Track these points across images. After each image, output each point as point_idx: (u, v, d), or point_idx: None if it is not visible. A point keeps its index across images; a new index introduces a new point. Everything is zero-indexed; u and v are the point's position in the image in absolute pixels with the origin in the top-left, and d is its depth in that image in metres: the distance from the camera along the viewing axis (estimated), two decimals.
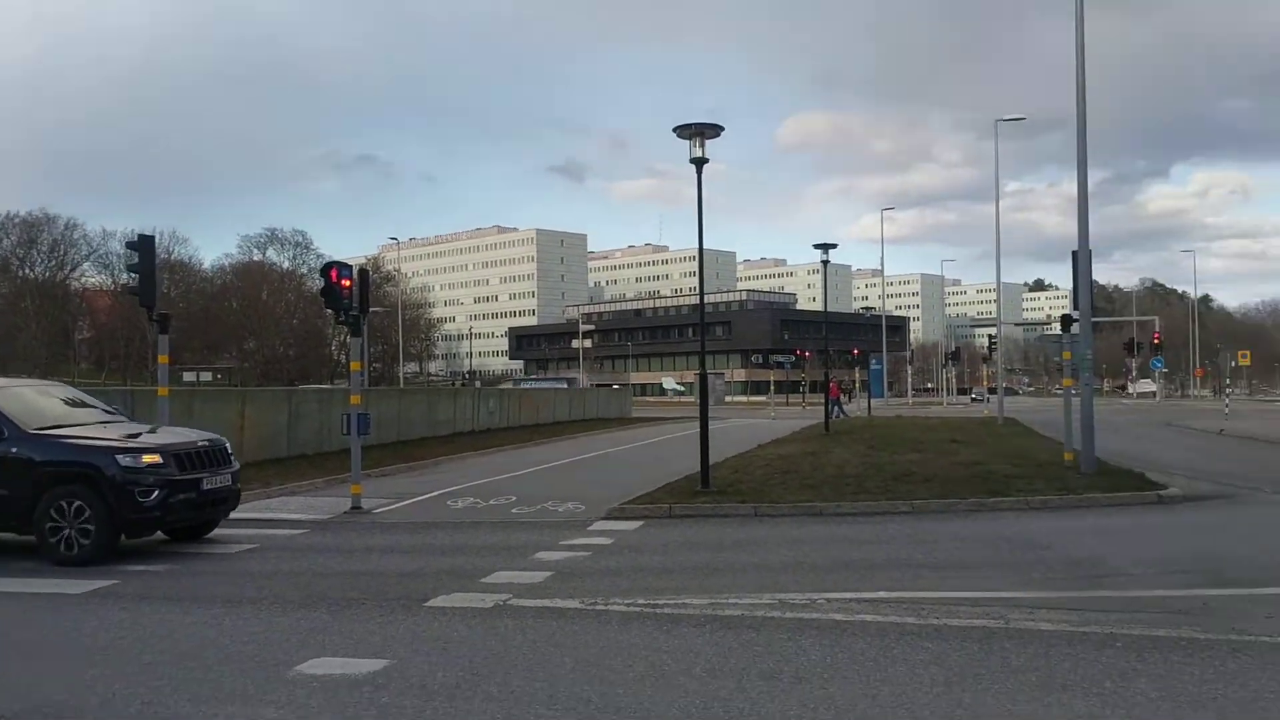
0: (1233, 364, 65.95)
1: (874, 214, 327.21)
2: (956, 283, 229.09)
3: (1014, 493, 14.77)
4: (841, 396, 53.02)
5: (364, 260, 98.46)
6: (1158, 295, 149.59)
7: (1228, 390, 60.84)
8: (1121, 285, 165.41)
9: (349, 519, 14.22)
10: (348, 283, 14.94)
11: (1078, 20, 17.79)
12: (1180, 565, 9.64)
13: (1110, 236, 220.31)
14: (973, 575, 9.31)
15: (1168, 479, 16.55)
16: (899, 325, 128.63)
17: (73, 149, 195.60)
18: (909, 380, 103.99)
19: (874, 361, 76.64)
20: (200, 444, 11.61)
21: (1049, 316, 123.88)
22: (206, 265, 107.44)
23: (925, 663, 6.35)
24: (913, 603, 8.05)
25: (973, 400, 75.82)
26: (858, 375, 72.20)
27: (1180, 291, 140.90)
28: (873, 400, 62.05)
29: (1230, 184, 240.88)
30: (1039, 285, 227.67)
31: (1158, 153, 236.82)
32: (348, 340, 18.43)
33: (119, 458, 10.73)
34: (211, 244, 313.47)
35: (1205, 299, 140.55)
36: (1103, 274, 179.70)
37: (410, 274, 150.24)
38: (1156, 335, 65.61)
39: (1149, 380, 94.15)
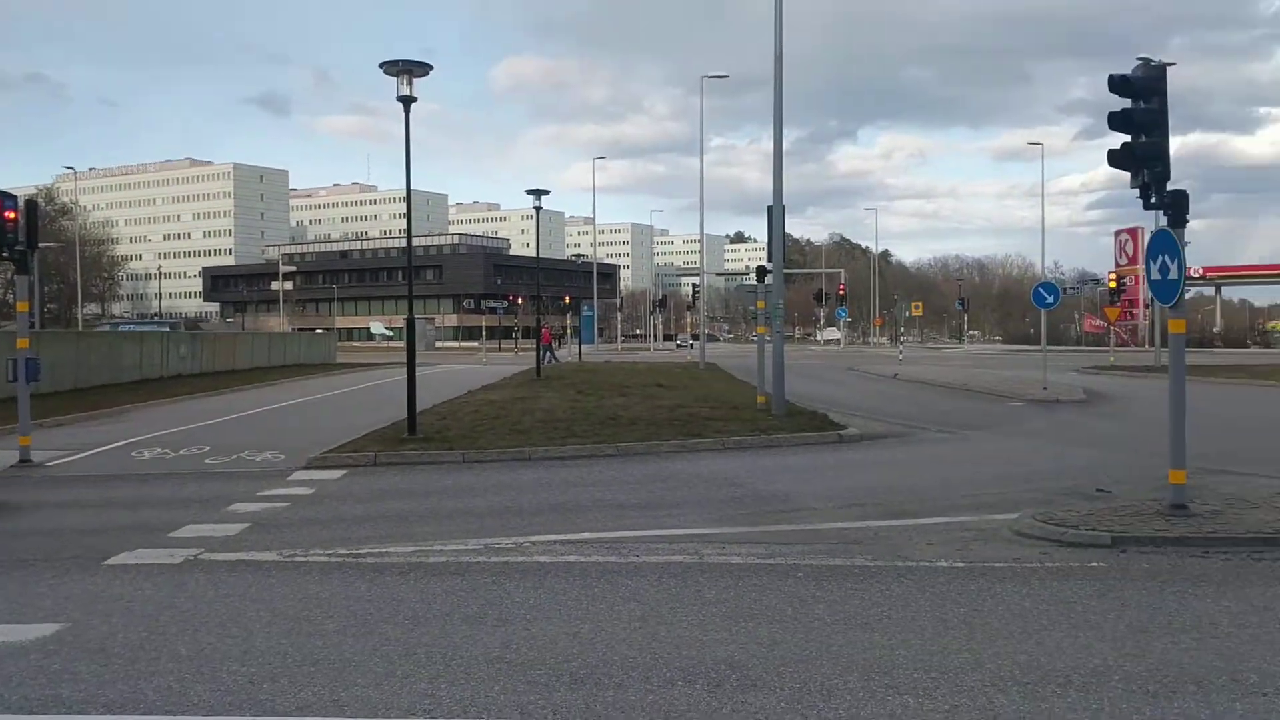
0: (907, 314, 71.94)
1: (587, 162, 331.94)
2: (665, 233, 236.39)
3: (712, 434, 15.51)
4: (553, 343, 53.64)
5: (35, 191, 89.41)
6: (844, 250, 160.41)
7: (902, 338, 66.49)
8: (813, 239, 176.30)
9: (16, 473, 13.00)
10: (12, 215, 13.50)
11: None
12: (856, 499, 10.47)
13: (804, 193, 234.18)
14: (673, 514, 9.72)
15: (848, 420, 17.90)
16: (610, 273, 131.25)
17: None
18: (619, 327, 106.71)
19: (585, 308, 78.04)
20: None
21: (747, 267, 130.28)
22: None
23: (625, 599, 6.58)
24: (615, 542, 8.31)
25: (678, 347, 78.89)
26: (569, 321, 73.25)
27: (864, 247, 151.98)
28: (583, 346, 63.19)
29: (910, 148, 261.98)
30: (740, 237, 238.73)
31: (848, 115, 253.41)
32: (13, 278, 16.67)
33: None
34: None
35: (885, 254, 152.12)
36: (795, 228, 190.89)
37: (90, 207, 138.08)
38: (842, 287, 70.60)
39: (835, 328, 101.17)
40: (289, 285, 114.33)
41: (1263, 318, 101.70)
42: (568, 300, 73.93)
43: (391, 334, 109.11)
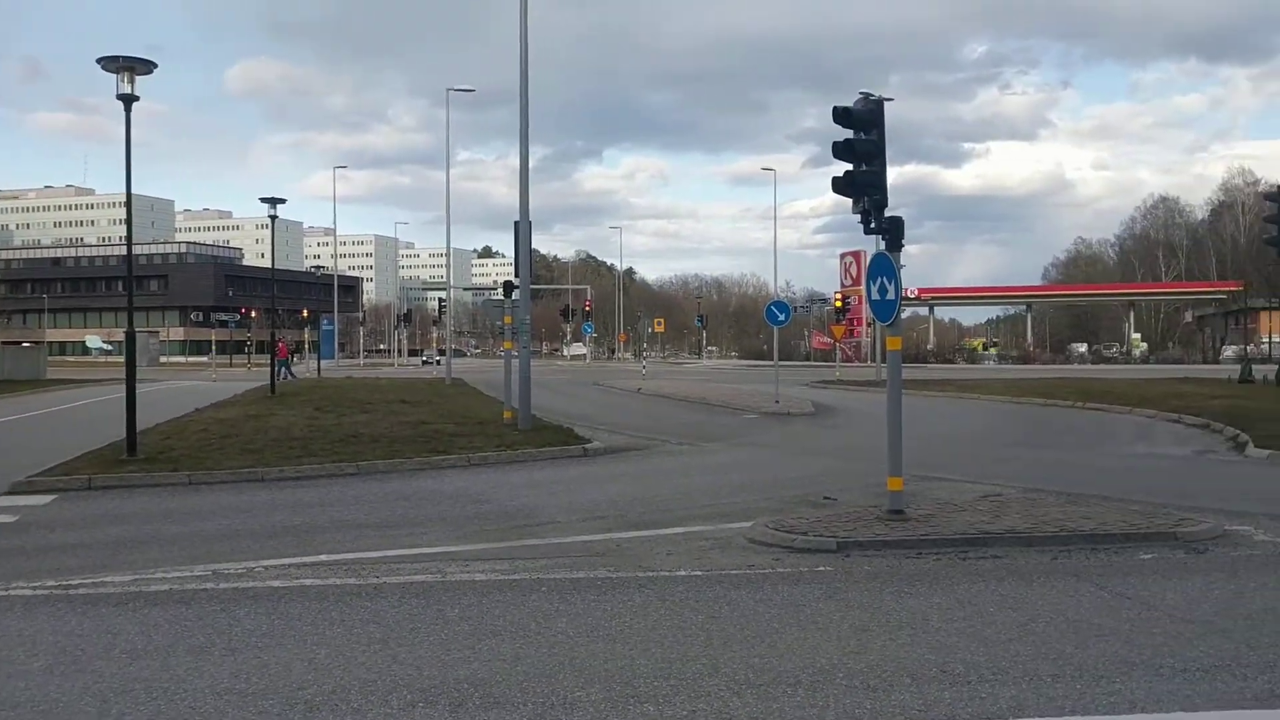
0: (650, 331, 73.75)
1: (327, 171, 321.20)
2: (411, 246, 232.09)
3: (457, 450, 15.33)
4: (290, 358, 51.48)
5: None
6: (590, 267, 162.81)
7: (645, 354, 68.02)
8: (560, 256, 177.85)
9: None
10: None
11: (522, 6, 18.68)
12: (601, 512, 10.61)
13: (551, 210, 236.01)
14: (415, 532, 9.52)
15: (593, 434, 18.14)
16: (352, 286, 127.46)
17: None
18: (361, 342, 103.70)
19: (325, 322, 75.38)
20: None
21: (495, 282, 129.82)
22: None
23: (364, 621, 6.38)
24: (354, 564, 8.05)
25: (424, 363, 77.39)
26: (307, 336, 70.52)
27: (609, 264, 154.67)
28: (323, 362, 61.04)
29: (652, 169, 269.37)
30: (488, 252, 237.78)
31: (594, 135, 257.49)
32: None
33: None
34: None
35: (630, 272, 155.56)
36: (543, 244, 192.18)
37: None
38: (588, 303, 71.58)
39: (581, 344, 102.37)
40: None
41: (967, 335, 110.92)
42: (306, 314, 71.20)
43: (110, 348, 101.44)
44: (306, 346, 68.82)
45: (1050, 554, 8.25)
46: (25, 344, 72.41)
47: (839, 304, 48.00)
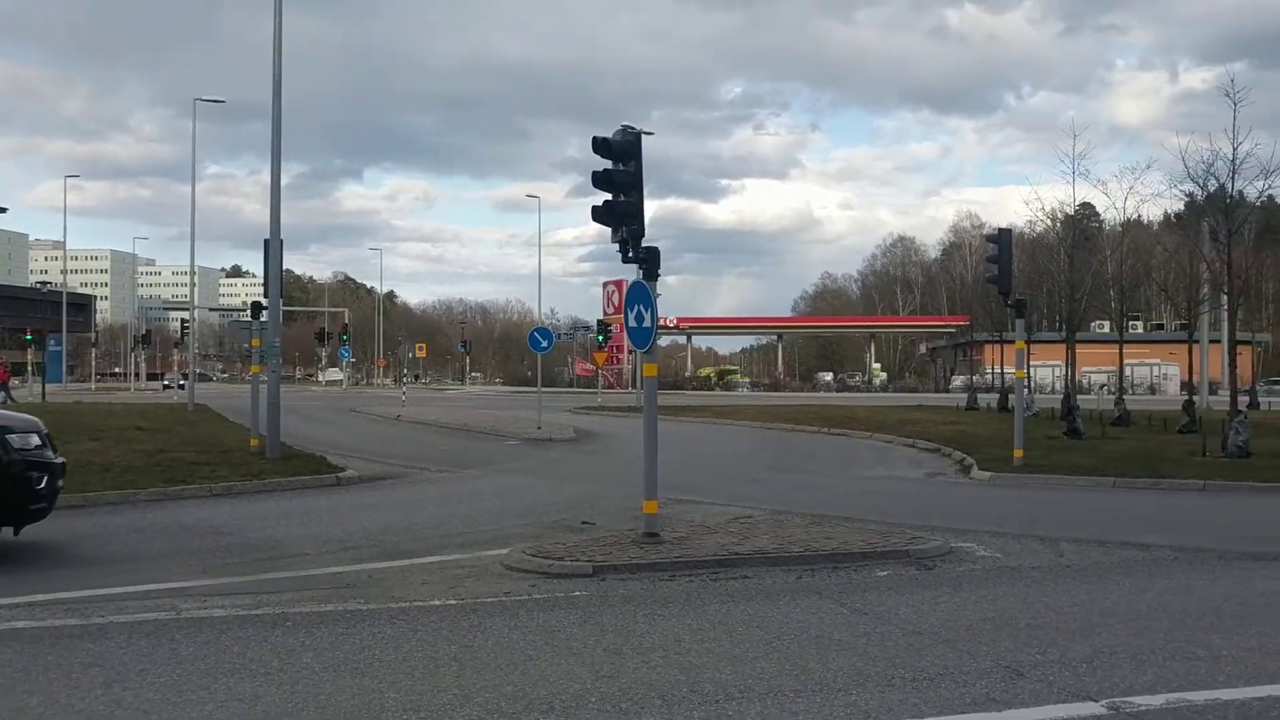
0: (410, 355, 72.44)
1: (58, 181, 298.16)
2: (151, 262, 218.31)
3: (198, 480, 14.49)
4: (9, 380, 47.30)
5: None
6: (349, 289, 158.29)
7: (406, 379, 66.65)
8: (316, 277, 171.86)
9: None
10: None
11: (276, 16, 18.02)
12: (353, 542, 10.26)
13: (308, 229, 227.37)
14: (147, 568, 8.90)
15: (348, 461, 17.57)
16: (84, 304, 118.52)
17: None
18: (94, 364, 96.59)
19: (52, 342, 69.83)
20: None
21: (245, 302, 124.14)
22: None
23: (85, 665, 5.87)
24: (75, 603, 7.42)
25: (165, 387, 72.79)
26: (31, 357, 65.06)
27: (369, 286, 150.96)
28: (49, 385, 56.48)
29: (416, 191, 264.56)
30: (237, 271, 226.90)
31: (354, 154, 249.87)
32: None
33: (10, 437, 9.14)
34: None
35: (391, 295, 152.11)
36: (298, 265, 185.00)
37: None
38: (345, 326, 69.52)
39: (338, 369, 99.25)
40: None
41: (723, 364, 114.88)
42: (30, 333, 65.68)
43: None
44: (30, 369, 63.53)
45: (796, 573, 8.59)
46: None
47: (601, 331, 48.60)
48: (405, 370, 71.60)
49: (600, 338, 47.74)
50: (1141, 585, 8.37)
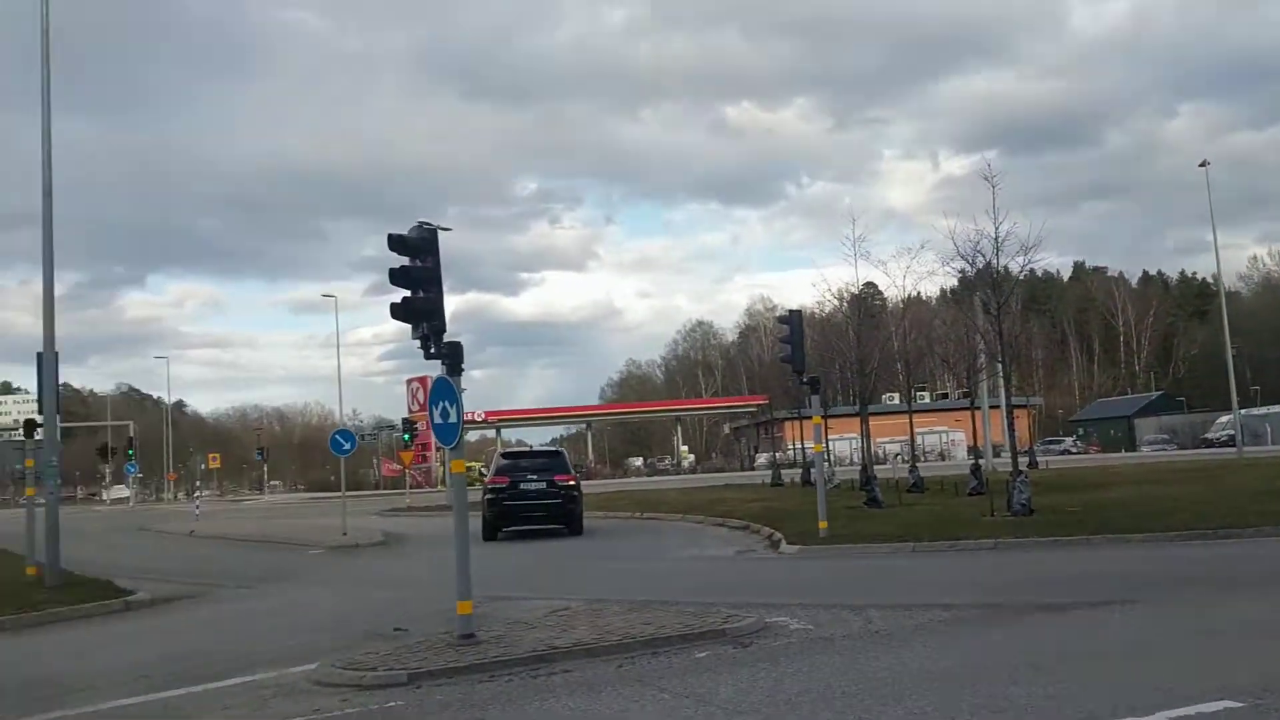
0: (203, 467, 68.92)
1: None
2: None
3: None
4: None
5: None
6: (134, 400, 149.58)
7: (198, 492, 63.25)
8: (97, 390, 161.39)
9: None
10: None
11: (44, 122, 17.19)
12: (146, 670, 9.56)
13: (87, 340, 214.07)
14: None
15: (137, 584, 16.43)
16: None
17: None
18: None
19: None
20: None
21: (16, 421, 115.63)
22: None
23: None
24: None
25: None
26: None
27: (156, 397, 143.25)
28: None
29: (203, 296, 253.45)
30: (8, 388, 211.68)
31: (136, 260, 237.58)
32: None
33: None
34: None
35: (180, 404, 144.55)
36: (77, 378, 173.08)
37: None
38: (130, 440, 65.62)
39: (124, 485, 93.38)
40: None
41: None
42: None
43: None
44: None
45: (616, 662, 8.53)
46: None
47: (406, 431, 47.66)
48: (198, 483, 68.04)
49: (406, 436, 46.71)
50: (946, 645, 8.72)
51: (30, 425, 18.44)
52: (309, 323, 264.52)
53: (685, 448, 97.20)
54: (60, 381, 18.17)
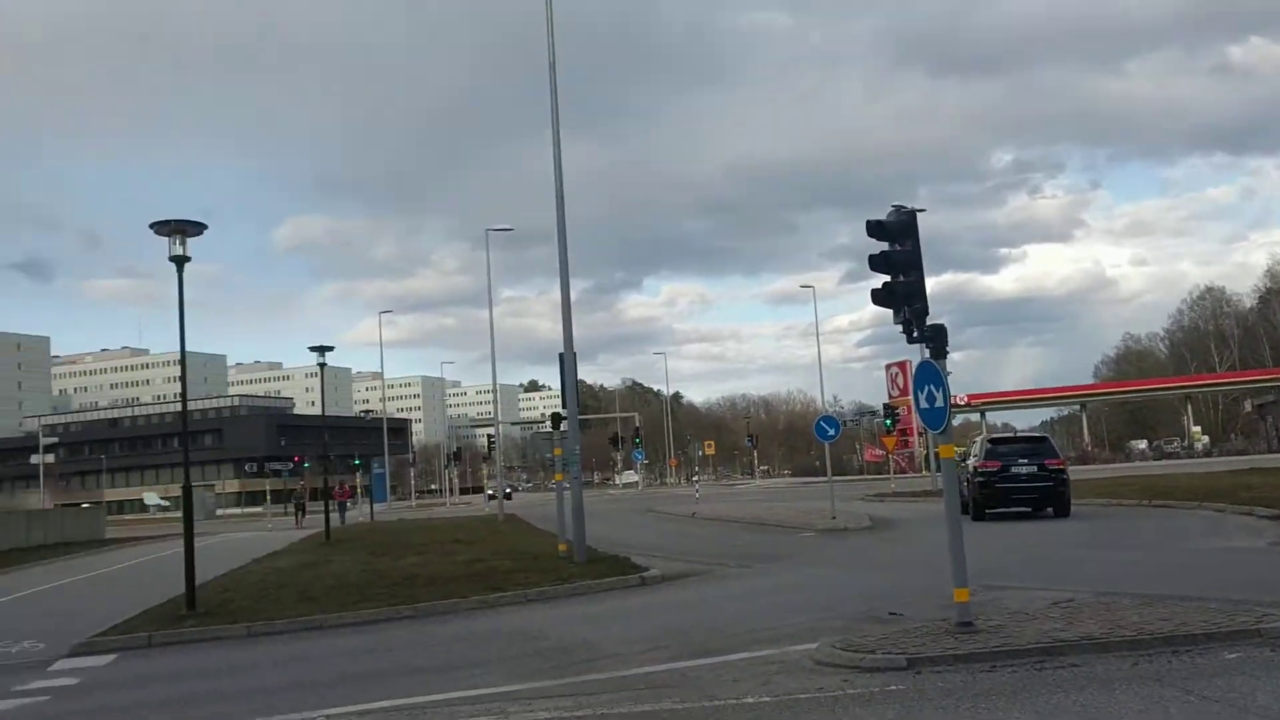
0: (700, 453, 73.50)
1: (374, 318, 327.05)
2: (458, 384, 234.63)
3: (513, 587, 15.19)
4: (347, 501, 51.98)
5: None
6: (637, 394, 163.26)
7: (697, 477, 67.52)
8: (606, 384, 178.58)
9: None
10: None
11: (555, 145, 19.24)
12: (662, 641, 10.40)
13: (594, 340, 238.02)
14: (475, 673, 9.37)
15: (650, 561, 17.92)
16: (401, 428, 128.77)
17: None
18: (413, 483, 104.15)
19: (376, 465, 75.94)
20: None
21: (543, 415, 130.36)
22: None
23: None
24: (415, 709, 7.92)
25: (490, 498, 77.26)
26: (360, 480, 70.93)
27: (656, 390, 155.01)
28: (375, 505, 61.23)
29: (692, 295, 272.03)
30: (534, 386, 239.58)
31: (633, 265, 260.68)
32: None
33: None
34: None
35: (677, 396, 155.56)
36: (588, 374, 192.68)
37: None
38: (637, 430, 71.59)
39: (632, 471, 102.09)
40: (50, 458, 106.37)
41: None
42: (357, 458, 71.83)
43: (168, 504, 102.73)
44: (359, 491, 69.19)
45: (1130, 660, 7.93)
46: (84, 505, 73.40)
47: (888, 416, 47.57)
48: (696, 468, 72.65)
49: (888, 422, 46.69)
50: None
51: (556, 418, 20.75)
52: (787, 313, 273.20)
53: (1197, 429, 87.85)
54: (577, 378, 20.25)
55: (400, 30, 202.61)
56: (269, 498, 72.50)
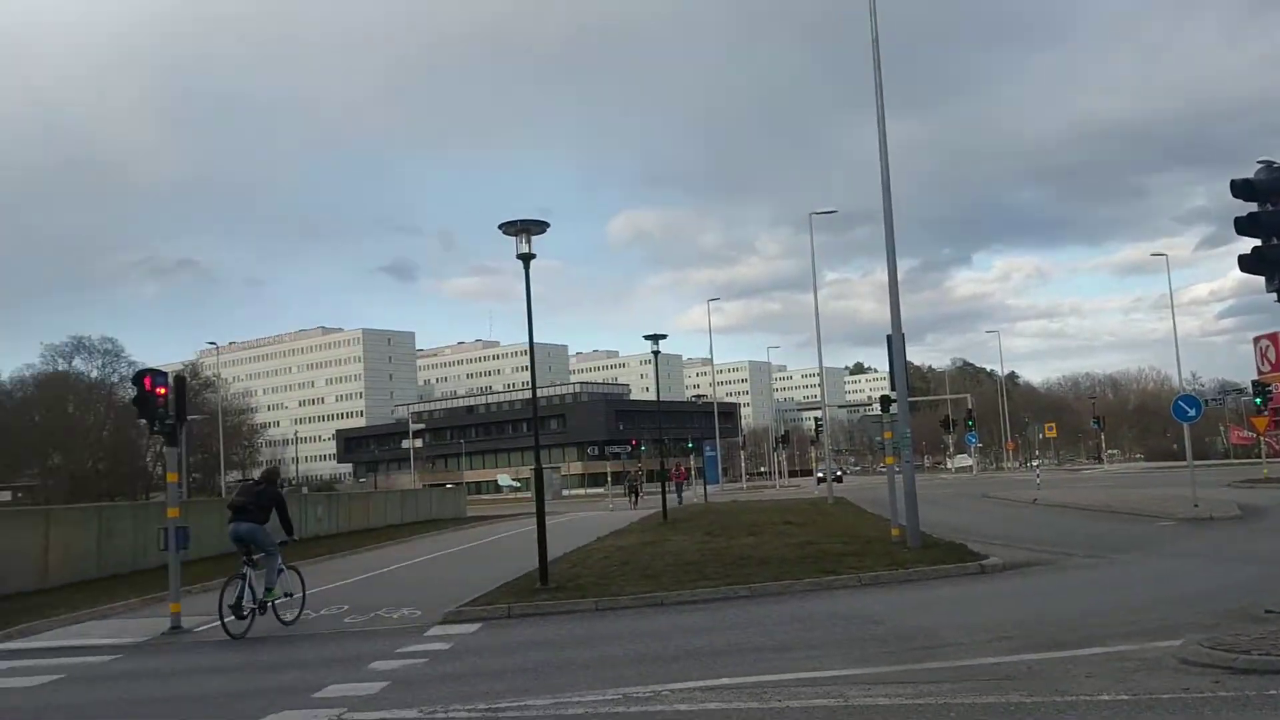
0: (1040, 436, 69.74)
1: (703, 305, 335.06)
2: (783, 368, 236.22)
3: (846, 570, 15.13)
4: (683, 483, 53.85)
5: (181, 367, 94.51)
6: (968, 374, 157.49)
7: (1037, 461, 64.14)
8: (935, 365, 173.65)
9: (168, 640, 13.39)
10: (163, 390, 14.29)
11: (879, 123, 18.89)
12: (1004, 632, 10.01)
13: (922, 320, 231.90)
14: (812, 655, 9.44)
15: (988, 549, 17.27)
16: (730, 412, 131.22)
17: None
18: (743, 465, 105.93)
19: (708, 448, 77.84)
20: None
21: (870, 397, 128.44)
22: (5, 378, 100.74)
23: None
24: (755, 687, 8.08)
25: (820, 481, 77.57)
26: (693, 463, 73.04)
27: (989, 370, 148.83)
28: (709, 486, 62.82)
29: (1028, 268, 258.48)
30: (859, 368, 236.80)
31: (961, 241, 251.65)
32: (163, 451, 17.50)
33: None
34: (12, 356, 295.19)
35: (1012, 376, 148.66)
36: (916, 355, 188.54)
37: (231, 379, 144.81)
38: (969, 412, 69.00)
39: (965, 455, 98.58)
40: (419, 443, 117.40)
41: None
42: (690, 442, 73.93)
43: (519, 485, 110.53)
44: (692, 473, 71.26)
45: None
46: (448, 485, 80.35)
47: (1258, 393, 43.05)
48: (1036, 452, 69.07)
49: (1257, 400, 42.25)
50: None
51: (885, 401, 20.43)
52: (1135, 285, 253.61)
53: None
54: (905, 359, 19.81)
55: (721, 20, 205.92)
56: (609, 479, 76.17)
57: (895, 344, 18.86)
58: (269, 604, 13.69)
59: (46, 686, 10.47)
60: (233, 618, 12.98)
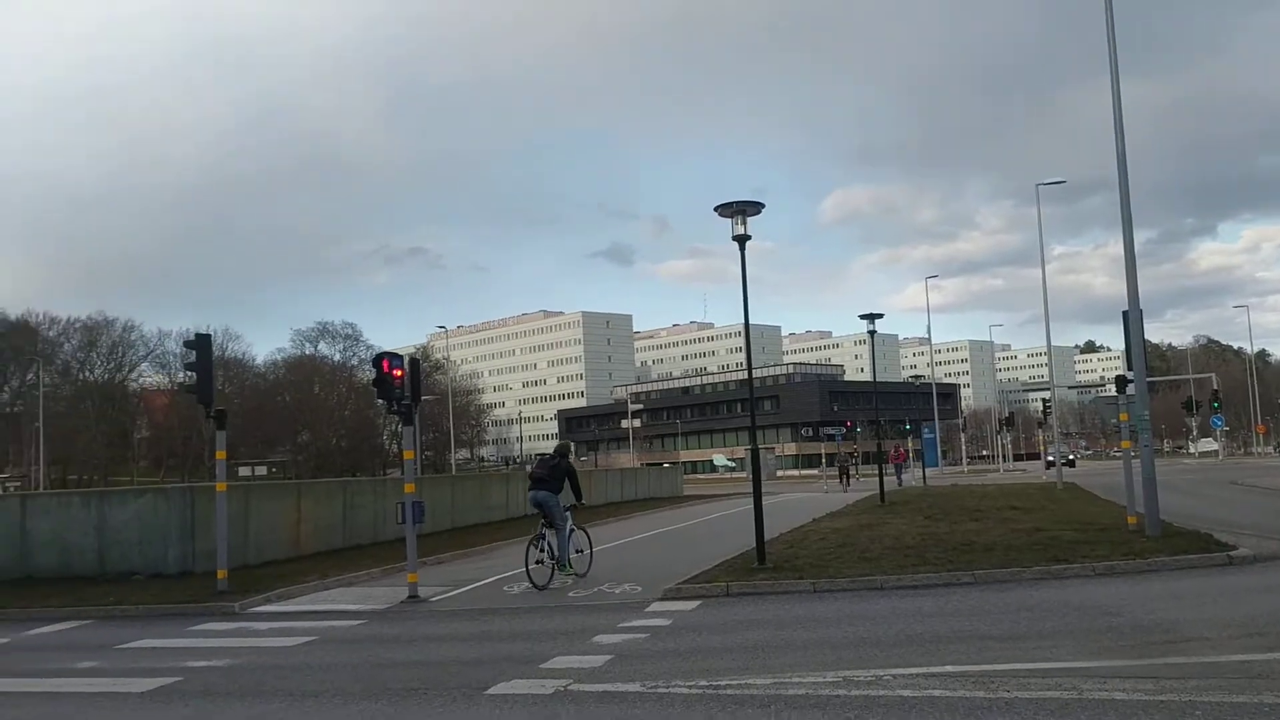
0: None
1: (919, 283, 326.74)
2: (1006, 348, 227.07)
3: (1079, 559, 14.45)
4: (902, 465, 52.80)
5: (413, 350, 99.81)
6: (1213, 352, 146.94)
7: None
8: (1175, 343, 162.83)
9: (406, 608, 14.23)
10: (399, 373, 15.14)
11: (1114, 85, 17.85)
12: (1257, 628, 9.36)
13: (1161, 295, 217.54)
14: (1042, 645, 9.10)
15: (1237, 539, 16.13)
16: (949, 393, 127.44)
17: (128, 251, 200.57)
18: (963, 448, 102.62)
19: (926, 430, 75.82)
20: None
21: (1102, 378, 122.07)
22: (259, 361, 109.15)
23: None
24: (982, 676, 7.87)
25: (1049, 465, 74.49)
26: (910, 444, 71.35)
27: (1236, 348, 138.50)
28: (927, 469, 61.29)
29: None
30: (1090, 347, 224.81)
31: (1204, 210, 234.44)
32: (400, 429, 18.60)
33: None
34: (264, 340, 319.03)
35: (1262, 354, 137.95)
36: (1155, 333, 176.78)
37: (459, 361, 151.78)
38: (1215, 393, 64.38)
39: (1210, 439, 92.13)
40: (637, 423, 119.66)
41: None
42: (907, 423, 72.23)
43: (734, 465, 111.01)
44: (911, 456, 69.69)
45: None
46: (665, 464, 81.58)
47: None
48: None
49: None
50: None
51: (1121, 381, 19.32)
52: None
53: None
54: (1143, 337, 18.68)
55: None
56: (823, 460, 75.44)
57: (1133, 320, 17.81)
58: (565, 559, 15.61)
59: (302, 647, 11.36)
60: (536, 567, 15.11)
